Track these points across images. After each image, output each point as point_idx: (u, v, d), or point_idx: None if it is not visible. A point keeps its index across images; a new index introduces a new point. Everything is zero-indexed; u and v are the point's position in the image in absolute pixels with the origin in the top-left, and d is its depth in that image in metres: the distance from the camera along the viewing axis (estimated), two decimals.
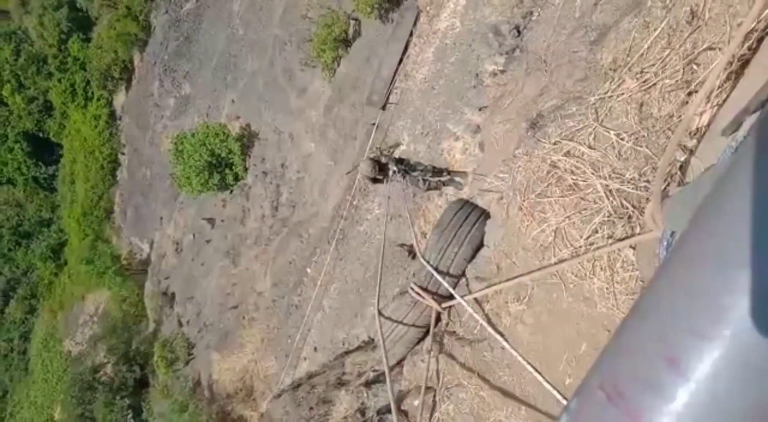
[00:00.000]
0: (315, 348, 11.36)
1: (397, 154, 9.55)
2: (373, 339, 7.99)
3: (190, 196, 16.19)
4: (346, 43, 12.42)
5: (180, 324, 16.25)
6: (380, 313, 5.55)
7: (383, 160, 8.59)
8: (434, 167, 8.66)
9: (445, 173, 8.45)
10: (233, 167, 14.83)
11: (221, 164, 14.86)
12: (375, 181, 8.77)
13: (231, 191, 15.17)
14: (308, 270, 12.20)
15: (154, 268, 18.40)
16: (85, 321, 22.64)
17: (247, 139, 14.91)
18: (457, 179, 8.39)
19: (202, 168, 14.52)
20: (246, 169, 14.77)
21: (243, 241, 14.26)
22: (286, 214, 13.17)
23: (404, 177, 7.93)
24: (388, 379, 4.30)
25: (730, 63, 3.01)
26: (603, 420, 0.69)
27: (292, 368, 11.66)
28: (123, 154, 22.39)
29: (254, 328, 13.29)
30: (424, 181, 8.22)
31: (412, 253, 9.82)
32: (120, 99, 22.72)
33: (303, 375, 10.87)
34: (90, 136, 22.97)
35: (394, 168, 8.03)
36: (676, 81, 3.45)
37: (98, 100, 23.00)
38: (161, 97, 19.90)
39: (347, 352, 10.21)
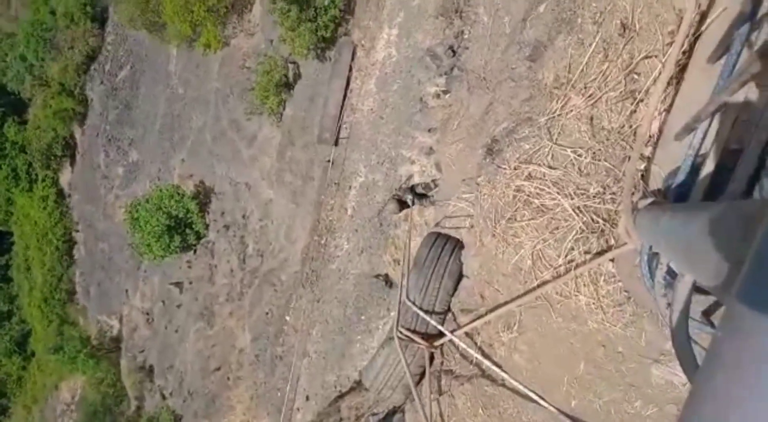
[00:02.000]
0: (307, 397, 11.05)
1: (409, 183, 9.76)
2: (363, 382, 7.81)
3: (153, 263, 15.69)
4: (288, 86, 12.43)
5: (163, 397, 15.58)
6: (399, 337, 5.35)
7: (401, 193, 8.99)
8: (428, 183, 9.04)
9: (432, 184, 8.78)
10: (193, 226, 14.49)
11: (180, 225, 14.50)
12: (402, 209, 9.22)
13: (195, 251, 14.79)
14: (287, 317, 11.93)
15: (127, 343, 17.69)
16: (63, 411, 21.48)
17: (204, 196, 14.63)
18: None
19: (161, 232, 14.13)
20: (207, 226, 14.45)
21: (215, 300, 13.86)
22: (255, 265, 12.89)
23: (421, 202, 8.26)
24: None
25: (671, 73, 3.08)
26: None
27: (286, 421, 11.29)
28: (77, 231, 21.65)
29: (241, 387, 12.85)
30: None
31: (388, 282, 9.76)
32: (66, 176, 22.07)
33: None
34: (40, 219, 22.14)
35: (410, 197, 8.38)
36: (620, 92, 3.52)
37: (43, 180, 22.27)
38: (109, 168, 19.42)
39: (341, 396, 9.97)
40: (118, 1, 17.48)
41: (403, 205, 8.74)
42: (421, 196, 8.60)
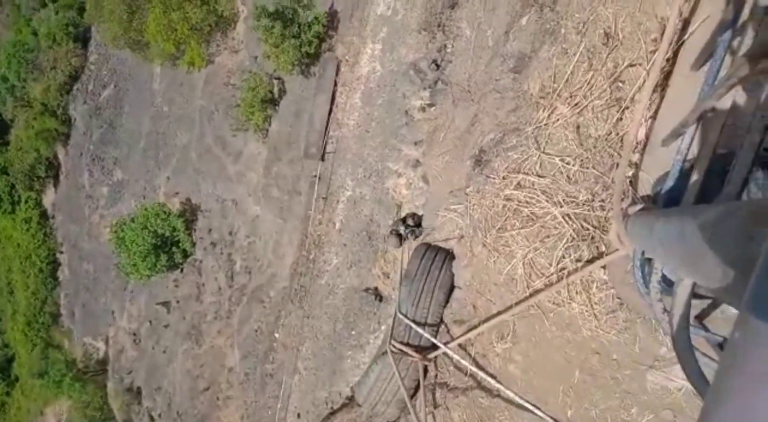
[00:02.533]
0: (298, 415, 10.87)
1: (401, 214, 9.76)
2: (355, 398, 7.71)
3: (139, 283, 15.46)
4: (273, 102, 12.42)
5: (152, 419, 15.25)
6: (392, 351, 5.26)
7: (397, 226, 9.04)
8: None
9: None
10: (180, 244, 14.31)
11: (167, 244, 14.31)
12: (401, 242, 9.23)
13: (182, 270, 14.59)
14: (276, 334, 11.78)
15: (114, 365, 17.32)
16: None
17: (190, 214, 14.48)
18: None
19: (147, 252, 13.93)
20: (194, 244, 14.28)
21: (203, 318, 13.65)
22: (243, 281, 12.75)
23: (414, 233, 8.26)
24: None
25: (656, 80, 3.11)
26: None
27: None
28: (61, 252, 21.28)
29: (231, 407, 12.63)
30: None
31: (378, 296, 9.70)
32: (49, 197, 21.75)
33: None
34: (23, 241, 21.75)
35: (402, 228, 8.40)
36: (606, 100, 3.55)
37: (26, 202, 21.93)
38: (93, 188, 19.19)
39: (332, 412, 9.83)
40: (100, 21, 17.38)
41: (402, 237, 8.83)
42: (414, 227, 8.64)
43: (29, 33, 21.72)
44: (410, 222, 8.65)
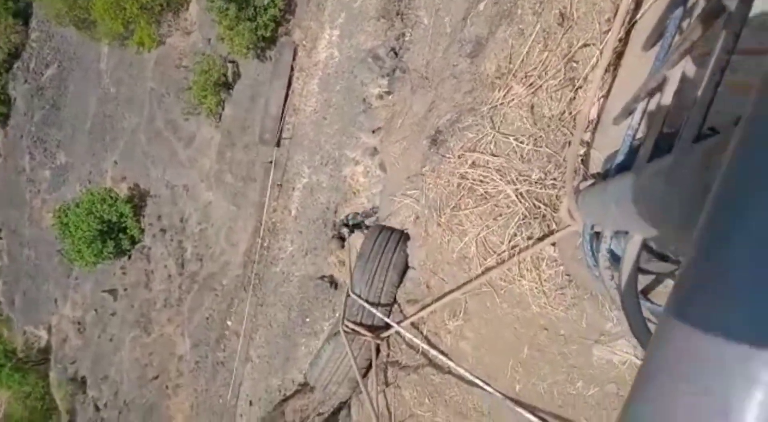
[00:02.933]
0: (250, 403, 10.70)
1: (342, 215, 9.61)
2: (308, 384, 7.63)
3: (84, 270, 14.83)
4: (227, 86, 12.09)
5: (97, 409, 14.71)
6: (344, 331, 5.20)
7: (339, 229, 8.91)
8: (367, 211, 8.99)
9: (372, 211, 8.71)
10: (128, 231, 13.80)
11: (114, 230, 13.78)
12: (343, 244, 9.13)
13: (129, 257, 14.08)
14: (228, 322, 11.54)
15: (57, 355, 16.60)
16: None
17: (139, 199, 13.98)
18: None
19: (93, 238, 13.38)
20: (142, 231, 13.79)
21: (152, 306, 13.23)
22: (195, 269, 12.41)
23: (361, 230, 8.16)
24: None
25: (609, 60, 3.15)
26: None
27: None
28: (0, 238, 20.20)
29: (181, 396, 12.31)
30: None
31: (334, 284, 9.62)
32: None
33: None
34: None
35: (346, 231, 8.31)
36: (560, 80, 3.58)
37: None
38: (34, 171, 18.25)
39: (285, 399, 9.72)
40: None
41: (344, 240, 8.76)
42: (357, 226, 8.57)
43: None
44: (352, 221, 8.60)
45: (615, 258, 2.56)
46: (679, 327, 0.65)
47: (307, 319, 10.02)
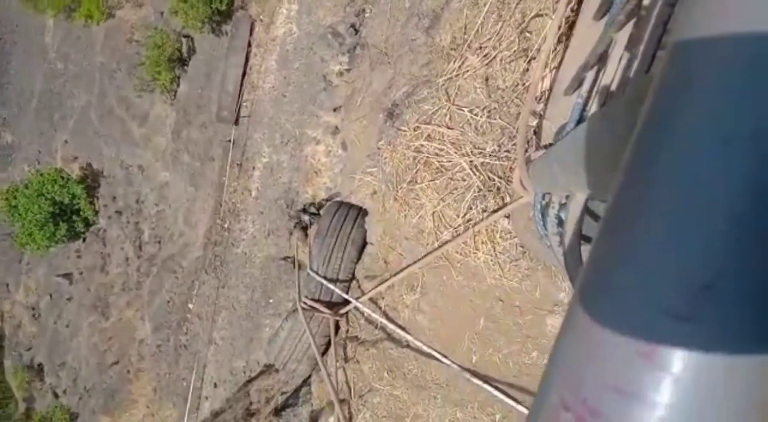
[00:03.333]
0: (215, 385, 10.62)
1: (302, 202, 9.41)
2: (273, 364, 7.60)
3: (37, 254, 14.31)
4: (181, 61, 11.69)
5: (56, 396, 14.35)
6: (303, 308, 5.15)
7: (299, 218, 8.72)
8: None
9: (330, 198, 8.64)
10: (81, 213, 13.34)
11: (66, 212, 13.30)
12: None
13: (84, 239, 13.64)
14: (190, 305, 11.35)
15: (11, 342, 16.08)
16: None
17: (91, 180, 13.49)
18: None
19: (44, 221, 12.88)
20: (96, 213, 13.35)
21: (109, 290, 12.89)
22: (153, 251, 12.12)
23: (317, 221, 8.03)
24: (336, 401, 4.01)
25: (559, 27, 3.14)
26: None
27: (194, 411, 10.80)
28: None
29: (143, 380, 12.11)
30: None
31: (296, 264, 9.55)
32: None
33: (207, 416, 10.12)
34: None
35: (306, 218, 8.14)
36: (514, 51, 3.56)
37: None
38: None
39: (250, 380, 9.67)
40: None
41: (307, 228, 8.65)
42: (315, 215, 8.48)
43: None
44: (312, 209, 8.49)
45: (562, 225, 2.58)
46: (600, 264, 0.63)
47: (271, 300, 9.93)
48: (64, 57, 14.59)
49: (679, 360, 0.50)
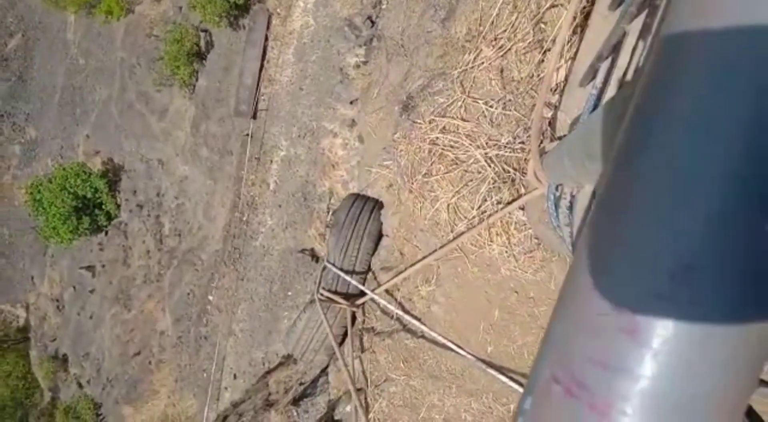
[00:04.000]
0: (234, 376, 10.81)
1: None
2: (292, 355, 7.72)
3: (60, 247, 14.65)
4: (200, 55, 11.83)
5: (80, 386, 14.74)
6: (320, 299, 5.24)
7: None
8: None
9: None
10: (103, 206, 13.61)
11: (89, 206, 13.58)
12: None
13: (106, 233, 13.93)
14: (210, 297, 11.55)
15: (36, 333, 16.52)
16: None
17: (113, 174, 13.76)
18: None
19: (67, 214, 13.18)
20: (118, 206, 13.62)
21: (131, 283, 13.17)
22: (173, 244, 12.34)
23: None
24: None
25: (575, 17, 3.14)
26: (566, 418, 0.58)
27: (214, 401, 11.02)
28: None
29: (164, 371, 12.38)
30: None
31: (314, 257, 9.65)
32: None
33: (228, 407, 10.31)
34: None
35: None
36: (529, 42, 3.56)
37: None
38: (3, 146, 17.81)
39: (269, 372, 9.83)
40: None
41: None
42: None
43: None
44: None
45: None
46: (591, 246, 0.67)
47: (289, 292, 10.06)
48: (86, 53, 14.86)
49: (658, 336, 0.55)
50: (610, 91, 2.41)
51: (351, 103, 9.71)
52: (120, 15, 13.41)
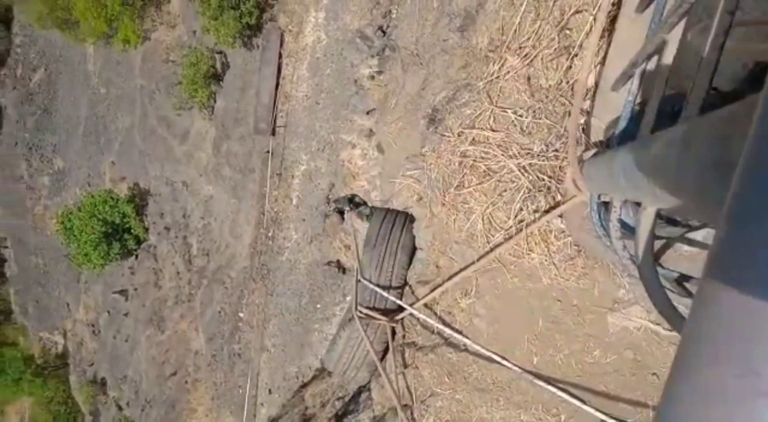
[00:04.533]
0: (270, 391, 10.85)
1: (340, 193, 9.57)
2: (326, 369, 7.72)
3: (93, 273, 14.91)
4: (216, 77, 11.96)
5: (119, 408, 14.93)
6: (359, 316, 5.23)
7: (341, 204, 8.87)
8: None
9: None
10: (132, 231, 13.82)
11: (118, 231, 13.80)
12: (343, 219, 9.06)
13: (136, 256, 14.13)
14: (241, 314, 11.62)
15: (75, 358, 16.80)
16: None
17: (139, 198, 13.97)
18: None
19: (98, 240, 13.40)
20: (146, 230, 13.82)
21: (164, 304, 13.32)
22: (202, 264, 12.46)
23: (358, 210, 8.15)
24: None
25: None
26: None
27: (251, 418, 11.06)
28: (6, 247, 20.27)
29: (200, 389, 12.48)
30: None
31: (341, 268, 9.65)
32: None
33: None
34: None
35: (347, 208, 8.27)
36: (555, 49, 3.52)
37: None
38: (33, 178, 18.21)
39: (304, 385, 9.84)
40: (22, 0, 16.25)
41: (341, 213, 8.71)
42: (358, 205, 8.53)
43: None
44: (357, 200, 8.57)
45: (625, 227, 2.55)
46: (717, 306, 0.64)
47: (318, 305, 10.07)
48: (106, 82, 15.14)
49: None
50: (654, 101, 2.36)
51: (367, 113, 9.71)
52: (137, 43, 13.63)
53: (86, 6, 12.98)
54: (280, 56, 10.98)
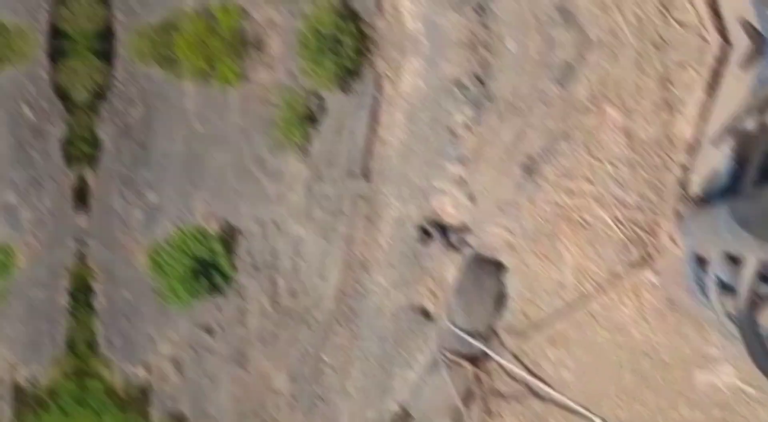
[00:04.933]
0: None
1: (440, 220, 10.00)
2: (405, 409, 7.87)
3: (180, 309, 15.83)
4: (312, 120, 12.70)
5: None
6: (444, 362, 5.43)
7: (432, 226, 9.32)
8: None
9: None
10: (220, 268, 14.67)
11: (206, 268, 14.68)
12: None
13: (223, 294, 14.95)
14: (324, 356, 12.02)
15: (157, 393, 17.74)
16: None
17: (229, 236, 14.85)
18: None
19: (186, 276, 14.29)
20: (234, 267, 14.66)
21: (248, 343, 13.98)
22: (289, 305, 13.09)
23: (447, 238, 8.51)
24: None
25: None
26: None
27: None
28: (96, 281, 21.67)
29: None
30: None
31: (427, 314, 9.84)
32: (81, 223, 22.16)
33: None
34: None
35: (434, 230, 8.64)
36: (656, 103, 3.82)
37: None
38: (126, 212, 19.62)
39: None
40: (124, 35, 17.72)
41: (428, 235, 9.01)
42: (448, 232, 8.80)
43: None
44: (448, 230, 8.80)
45: (722, 285, 2.73)
46: None
47: (401, 351, 10.31)
48: (204, 120, 16.37)
49: None
50: (756, 157, 2.58)
51: (460, 161, 10.03)
52: (236, 82, 14.74)
53: (187, 44, 14.11)
54: (377, 101, 11.64)
